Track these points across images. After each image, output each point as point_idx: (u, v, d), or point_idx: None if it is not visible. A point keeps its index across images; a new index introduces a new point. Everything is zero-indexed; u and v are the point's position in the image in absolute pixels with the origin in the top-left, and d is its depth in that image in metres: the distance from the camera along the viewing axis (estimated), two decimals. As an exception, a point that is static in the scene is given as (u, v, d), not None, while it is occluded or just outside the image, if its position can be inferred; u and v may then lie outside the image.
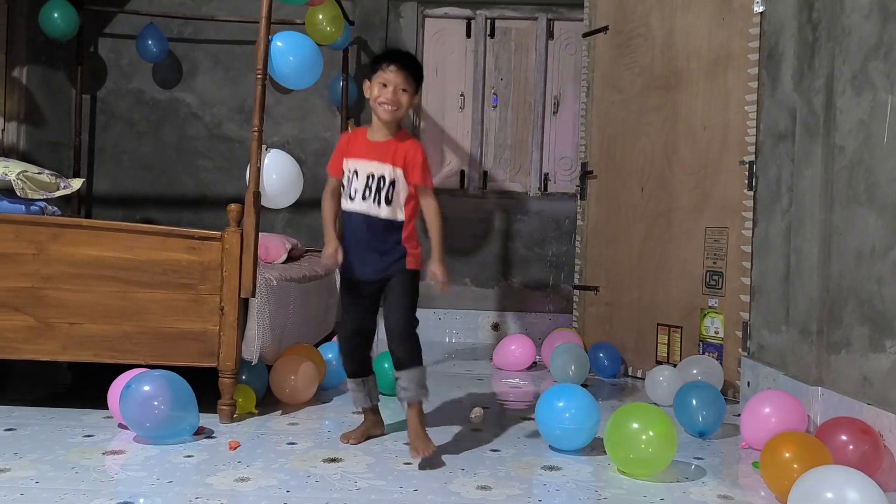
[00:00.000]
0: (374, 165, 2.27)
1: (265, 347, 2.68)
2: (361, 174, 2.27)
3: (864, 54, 2.36)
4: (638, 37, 3.74)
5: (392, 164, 2.27)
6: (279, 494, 1.89)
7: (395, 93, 2.23)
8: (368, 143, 2.30)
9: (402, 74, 2.24)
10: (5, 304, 2.53)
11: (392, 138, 2.29)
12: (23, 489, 1.87)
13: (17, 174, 2.71)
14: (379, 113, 2.26)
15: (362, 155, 2.29)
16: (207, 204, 4.63)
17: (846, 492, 1.59)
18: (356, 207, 2.27)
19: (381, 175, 2.26)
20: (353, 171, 2.28)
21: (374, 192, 2.26)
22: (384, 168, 2.27)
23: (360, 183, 2.27)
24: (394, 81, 2.23)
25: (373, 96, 2.26)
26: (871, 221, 2.30)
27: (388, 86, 2.23)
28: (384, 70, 2.24)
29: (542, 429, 2.37)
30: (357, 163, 2.28)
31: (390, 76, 2.23)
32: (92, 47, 4.66)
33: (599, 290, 3.93)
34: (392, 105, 2.23)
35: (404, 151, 2.28)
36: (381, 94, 2.24)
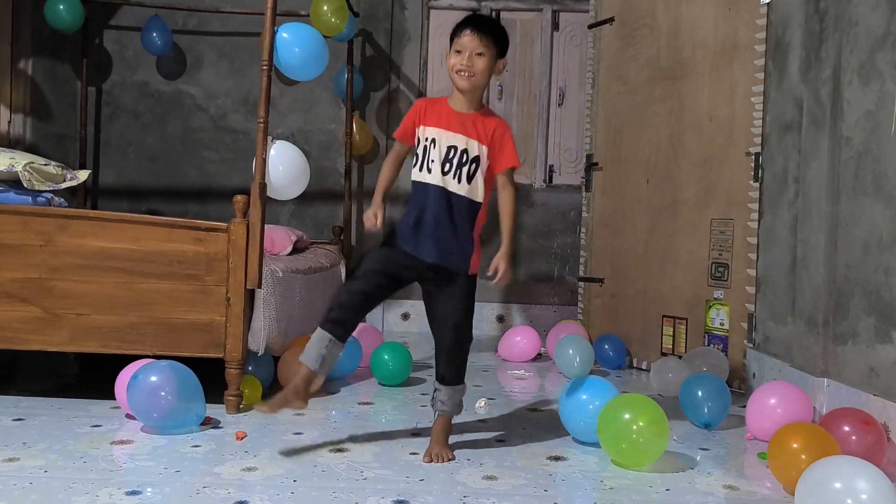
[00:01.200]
0: (458, 138, 2.10)
1: (271, 338, 2.69)
2: (442, 145, 2.10)
3: (872, 44, 2.35)
4: (643, 28, 3.73)
5: (478, 140, 2.11)
6: (286, 484, 1.90)
7: (470, 58, 2.07)
8: (452, 113, 2.13)
9: (477, 37, 2.07)
10: (13, 295, 2.54)
11: (477, 112, 2.14)
12: (32, 478, 1.88)
13: (24, 165, 2.71)
14: (456, 81, 2.10)
15: (445, 125, 2.11)
16: (213, 196, 4.64)
17: (855, 482, 1.58)
18: (432, 179, 2.10)
19: (464, 149, 2.10)
20: (430, 140, 2.11)
21: (455, 167, 2.09)
22: (470, 142, 2.10)
23: (438, 153, 2.10)
24: (468, 46, 2.07)
25: (449, 65, 2.11)
26: (878, 212, 2.29)
27: (463, 51, 2.08)
28: (459, 36, 2.09)
29: (566, 420, 2.35)
30: (438, 132, 2.11)
31: (465, 41, 2.08)
32: (97, 39, 4.66)
33: (604, 282, 3.93)
34: (467, 71, 2.07)
35: (493, 128, 2.13)
36: (455, 61, 2.09)
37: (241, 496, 1.80)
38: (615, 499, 1.88)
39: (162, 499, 1.78)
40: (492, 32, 2.10)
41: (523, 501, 1.84)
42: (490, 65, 2.10)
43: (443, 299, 2.14)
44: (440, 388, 2.19)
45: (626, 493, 1.92)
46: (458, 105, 2.14)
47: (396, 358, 3.05)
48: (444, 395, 2.18)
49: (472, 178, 2.11)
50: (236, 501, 1.77)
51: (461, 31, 2.10)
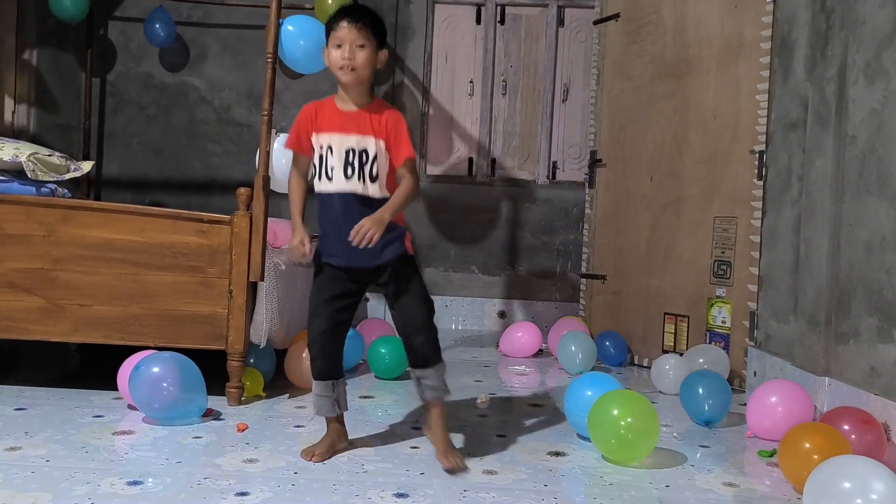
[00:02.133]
0: (353, 139, 2.01)
1: (273, 331, 2.69)
2: (338, 150, 2.01)
3: (878, 43, 2.34)
4: (649, 24, 3.72)
5: (374, 136, 2.02)
6: (287, 476, 1.91)
7: (351, 50, 1.97)
8: (341, 114, 2.03)
9: (356, 28, 1.97)
10: (16, 285, 2.55)
11: (367, 107, 2.04)
12: (34, 467, 1.89)
13: (28, 156, 2.72)
14: (340, 77, 2.00)
15: (336, 128, 2.02)
16: (216, 188, 4.64)
17: (865, 482, 1.56)
18: (336, 187, 2.01)
19: (362, 149, 2.01)
20: (326, 148, 2.02)
21: (356, 169, 2.00)
22: (366, 141, 2.01)
23: (337, 160, 2.01)
24: (347, 38, 1.97)
25: (329, 60, 2.01)
26: (881, 211, 2.29)
27: (343, 45, 1.98)
28: (336, 29, 1.99)
29: (570, 416, 2.36)
30: (331, 137, 2.02)
31: (342, 33, 1.98)
32: (102, 30, 4.66)
33: (607, 279, 3.93)
34: (350, 65, 1.97)
35: (385, 121, 2.03)
36: (336, 56, 1.98)
37: (241, 487, 1.81)
38: (615, 494, 1.89)
39: (163, 489, 1.78)
40: (370, 22, 2.01)
41: (523, 496, 1.84)
42: (372, 57, 2.01)
43: (399, 286, 2.08)
44: (425, 372, 2.09)
45: (625, 489, 1.92)
46: (345, 104, 2.05)
47: (393, 351, 3.05)
48: (432, 378, 2.09)
49: (376, 177, 2.03)
50: (237, 493, 1.77)
51: (338, 24, 1.99)
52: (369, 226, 1.94)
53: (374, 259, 2.04)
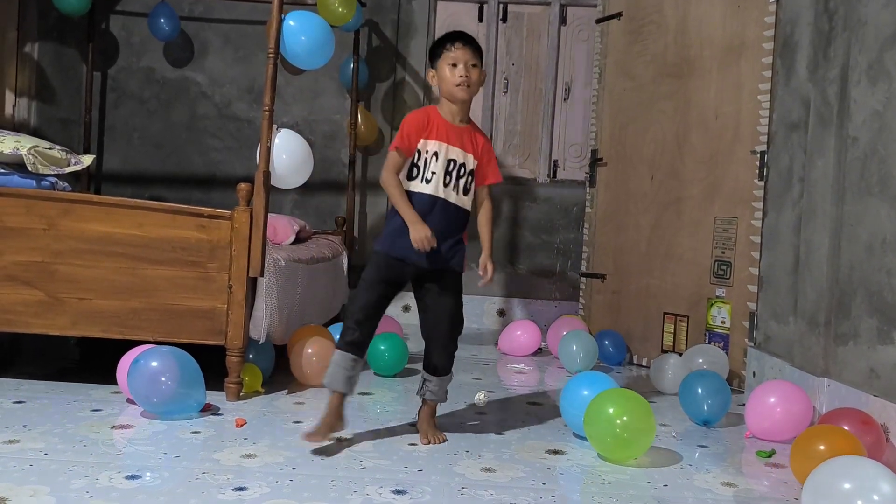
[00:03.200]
0: (457, 152, 2.19)
1: (272, 327, 2.69)
2: (442, 158, 2.17)
3: (881, 44, 2.34)
4: (651, 24, 3.72)
5: (473, 155, 2.22)
6: (285, 471, 1.90)
7: (466, 69, 2.16)
8: (450, 126, 2.20)
9: (470, 50, 2.17)
10: (16, 278, 2.55)
11: (469, 125, 2.24)
12: (32, 460, 1.89)
13: (29, 149, 2.71)
14: (456, 94, 2.17)
15: (445, 138, 2.18)
16: (216, 183, 4.64)
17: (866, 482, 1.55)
18: (432, 191, 2.16)
19: (462, 163, 2.19)
20: (431, 153, 2.17)
21: (454, 179, 2.18)
22: (467, 157, 2.20)
23: (438, 167, 2.16)
24: (462, 58, 2.16)
25: (445, 79, 2.18)
26: (882, 213, 2.29)
27: (458, 64, 2.16)
28: (450, 49, 2.17)
29: (567, 416, 2.36)
30: (440, 145, 2.17)
31: (458, 54, 2.16)
32: (104, 24, 4.65)
33: (606, 278, 3.93)
34: (467, 82, 2.16)
35: (482, 143, 2.25)
36: (452, 74, 2.16)
37: (240, 482, 1.81)
38: (613, 493, 1.89)
39: (161, 483, 1.78)
40: (478, 46, 2.21)
41: (521, 494, 1.84)
42: (480, 76, 2.20)
43: (438, 295, 2.22)
44: (431, 378, 2.27)
45: (623, 488, 1.92)
46: (452, 118, 2.21)
47: (392, 348, 3.05)
48: (435, 384, 2.27)
49: (468, 190, 2.23)
50: (235, 488, 1.77)
51: (452, 45, 2.18)
52: (491, 267, 2.24)
53: (442, 263, 2.19)
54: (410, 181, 2.18)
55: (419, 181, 2.18)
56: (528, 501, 1.79)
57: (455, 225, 2.21)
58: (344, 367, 2.15)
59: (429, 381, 2.28)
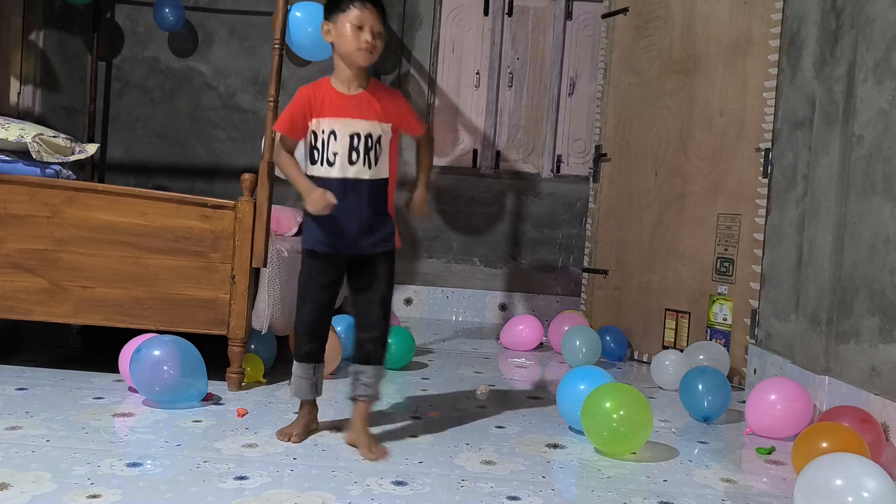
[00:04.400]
0: (359, 124, 1.97)
1: (275, 318, 2.70)
2: (342, 134, 1.96)
3: (888, 42, 2.33)
4: (657, 19, 3.71)
5: (378, 120, 1.99)
6: (286, 461, 1.91)
7: (373, 35, 1.94)
8: (343, 98, 1.98)
9: (377, 14, 1.95)
10: (19, 266, 2.55)
11: (367, 89, 2.01)
12: (34, 447, 1.90)
13: (33, 137, 2.71)
14: (357, 59, 1.95)
15: (341, 112, 1.97)
16: (220, 174, 4.64)
17: (856, 480, 1.56)
18: (338, 173, 1.97)
19: (367, 133, 1.98)
20: (328, 133, 1.97)
21: (362, 154, 1.97)
22: (372, 125, 1.98)
23: (341, 145, 1.96)
24: (370, 22, 1.94)
25: (345, 39, 1.94)
26: (886, 212, 2.29)
27: (364, 27, 1.93)
28: (356, 8, 1.93)
29: (563, 410, 2.36)
30: (335, 122, 1.97)
31: (366, 15, 1.93)
32: (109, 13, 4.65)
33: (609, 274, 3.93)
34: (371, 48, 1.94)
35: (389, 103, 2.02)
36: (356, 36, 1.93)
37: (240, 472, 1.81)
38: (612, 487, 1.89)
39: (162, 471, 1.79)
40: (384, 10, 2.00)
41: (521, 487, 1.85)
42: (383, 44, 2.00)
43: (369, 277, 2.06)
44: (364, 369, 2.07)
45: (623, 483, 1.93)
46: (347, 86, 2.00)
47: (400, 342, 3.06)
48: (371, 376, 2.07)
49: (378, 159, 2.00)
50: (236, 477, 1.78)
51: (362, 4, 1.93)
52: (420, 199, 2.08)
53: (370, 248, 2.04)
54: (312, 165, 2.00)
55: (321, 164, 1.99)
56: (528, 494, 1.80)
57: (376, 202, 2.02)
58: (305, 377, 2.10)
59: (362, 374, 2.06)
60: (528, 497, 1.78)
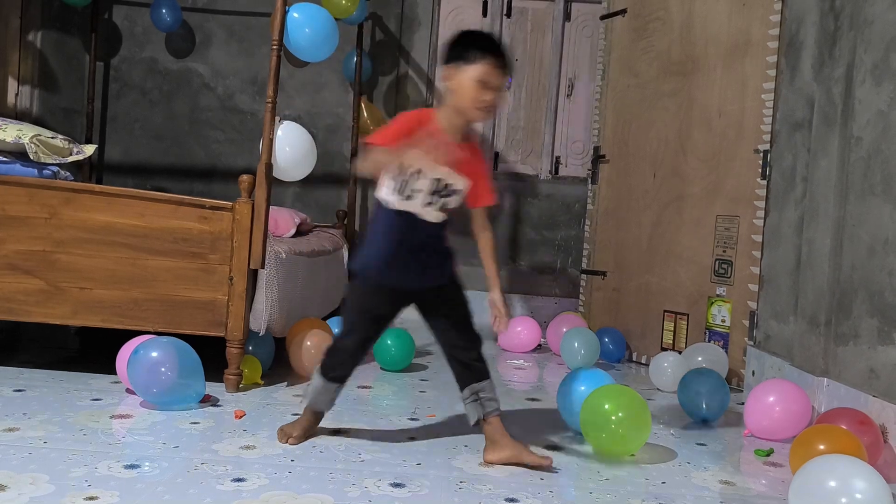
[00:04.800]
0: (447, 172, 1.92)
1: (273, 319, 2.69)
2: (429, 175, 1.91)
3: (887, 44, 2.34)
4: (656, 21, 3.71)
5: (464, 176, 1.95)
6: (284, 463, 1.91)
7: (495, 94, 1.87)
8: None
9: (504, 74, 1.88)
10: (17, 267, 2.55)
11: (465, 141, 1.96)
12: (31, 448, 1.89)
13: (31, 138, 2.71)
14: (472, 116, 1.91)
15: None
16: (218, 175, 4.63)
17: (849, 481, 1.57)
18: (412, 208, 1.94)
19: (449, 184, 1.94)
20: (416, 169, 1.91)
21: (438, 199, 1.94)
22: (456, 179, 1.94)
23: (423, 185, 1.92)
24: (496, 83, 1.86)
25: (466, 93, 1.87)
26: (885, 213, 2.29)
27: (490, 86, 1.86)
28: (484, 64, 1.85)
29: (563, 412, 2.36)
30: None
31: (494, 75, 1.86)
32: (107, 14, 4.64)
33: (607, 275, 3.93)
34: (491, 109, 1.90)
35: (476, 163, 1.99)
36: (478, 93, 1.86)
37: (238, 474, 1.81)
38: (610, 489, 1.89)
39: (160, 473, 1.78)
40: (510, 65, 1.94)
41: (519, 489, 1.84)
42: None
43: (447, 303, 2.05)
44: (483, 385, 2.04)
45: (621, 485, 1.93)
46: (451, 131, 1.93)
47: (400, 344, 3.06)
48: (490, 390, 2.05)
49: (448, 207, 1.99)
50: (233, 479, 1.77)
51: (489, 60, 1.85)
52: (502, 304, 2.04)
53: (433, 281, 2.01)
54: (392, 195, 1.95)
55: (399, 195, 1.94)
56: (526, 496, 1.80)
57: (437, 240, 2.01)
58: (327, 394, 2.10)
59: (482, 392, 2.03)
60: (527, 499, 1.78)
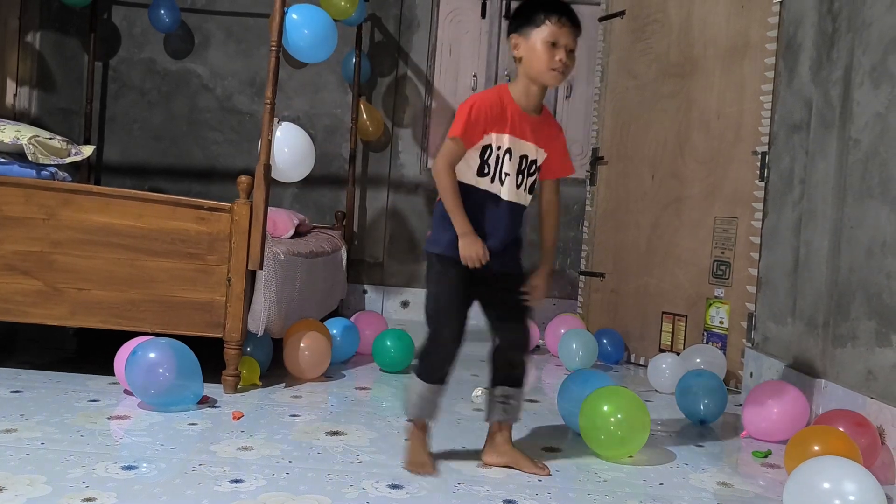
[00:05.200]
0: (529, 147, 1.88)
1: (271, 320, 2.69)
2: (515, 155, 1.86)
3: (885, 46, 2.34)
4: (655, 22, 3.71)
5: (544, 149, 1.92)
6: (282, 464, 1.90)
7: (567, 54, 1.82)
8: (524, 116, 1.87)
9: (573, 32, 1.83)
10: (15, 268, 2.54)
11: (543, 114, 1.93)
12: (29, 449, 1.89)
13: (29, 138, 2.71)
14: (547, 79, 1.84)
15: (519, 132, 1.87)
16: (216, 176, 4.63)
17: (843, 483, 1.57)
18: (504, 193, 1.88)
19: (533, 159, 1.90)
20: (504, 150, 1.85)
21: (525, 177, 1.90)
22: (539, 152, 1.91)
23: (512, 166, 1.86)
24: (566, 41, 1.82)
25: (537, 56, 1.81)
26: (883, 215, 2.29)
27: (560, 45, 1.81)
28: (554, 24, 1.80)
29: (562, 413, 2.36)
30: (513, 141, 1.86)
31: (564, 32, 1.81)
32: (105, 14, 4.64)
33: (605, 277, 3.93)
34: (564, 69, 1.83)
35: (556, 133, 1.95)
36: (550, 54, 1.80)
37: (236, 475, 1.81)
38: (608, 491, 1.89)
39: (157, 474, 1.78)
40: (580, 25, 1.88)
41: (517, 490, 1.84)
42: None
43: (510, 295, 1.96)
44: (514, 392, 1.97)
45: (619, 486, 1.93)
46: (529, 105, 1.88)
47: (399, 345, 3.06)
48: (518, 399, 1.98)
49: (534, 187, 1.96)
50: (231, 480, 1.77)
51: (558, 18, 1.81)
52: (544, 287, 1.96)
53: (509, 266, 1.95)
54: (480, 178, 1.87)
55: (491, 180, 1.87)
56: (524, 498, 1.80)
57: (519, 224, 1.95)
58: (432, 399, 1.94)
59: (510, 398, 1.96)
60: (525, 500, 1.78)
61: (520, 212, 1.94)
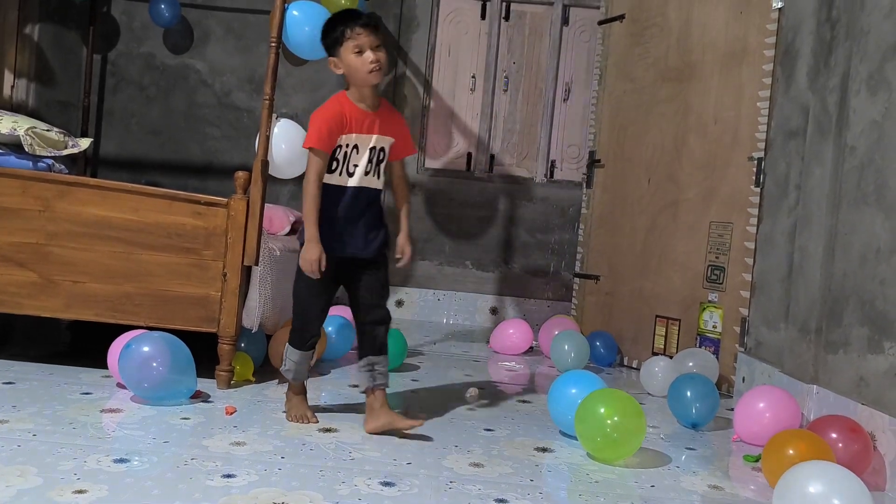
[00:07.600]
0: (375, 139, 2.20)
1: (266, 316, 2.69)
2: (363, 149, 2.18)
3: (882, 54, 2.35)
4: (654, 27, 3.72)
5: (389, 136, 2.23)
6: (273, 460, 1.91)
7: (374, 53, 2.12)
8: (364, 114, 2.18)
9: (371, 32, 2.13)
10: (10, 259, 2.54)
11: (381, 107, 2.23)
12: (20, 441, 1.89)
13: (26, 130, 2.70)
14: (370, 80, 2.15)
15: (363, 129, 2.18)
16: (213, 172, 4.63)
17: (831, 487, 1.59)
18: (355, 182, 2.18)
19: (381, 147, 2.21)
20: (352, 147, 2.17)
21: (374, 166, 2.21)
22: (385, 140, 2.22)
23: (361, 158, 2.18)
24: (367, 43, 2.12)
25: (354, 67, 2.13)
26: (877, 222, 2.30)
27: (364, 49, 2.12)
28: (352, 35, 2.12)
29: (555, 414, 2.37)
30: (360, 137, 2.17)
31: (362, 39, 2.12)
32: (105, 8, 4.63)
33: (600, 280, 3.94)
34: (379, 66, 2.13)
35: (397, 121, 2.27)
36: (361, 61, 2.12)
37: (228, 470, 1.81)
38: (599, 492, 1.89)
39: (149, 468, 1.78)
40: (378, 22, 2.17)
41: (509, 490, 1.85)
42: (386, 55, 2.17)
43: (371, 278, 2.23)
44: (380, 359, 2.25)
45: (610, 487, 1.93)
46: (364, 104, 2.19)
47: (392, 344, 3.04)
48: (384, 364, 2.26)
49: (383, 170, 2.25)
50: (223, 475, 1.77)
51: (352, 30, 2.11)
52: (409, 249, 2.28)
53: (374, 251, 2.23)
54: (329, 174, 2.16)
55: (339, 174, 2.17)
56: (516, 497, 1.80)
57: (374, 208, 2.23)
58: (302, 362, 2.29)
59: (377, 364, 2.23)
60: (516, 500, 1.78)
61: (374, 196, 2.22)
